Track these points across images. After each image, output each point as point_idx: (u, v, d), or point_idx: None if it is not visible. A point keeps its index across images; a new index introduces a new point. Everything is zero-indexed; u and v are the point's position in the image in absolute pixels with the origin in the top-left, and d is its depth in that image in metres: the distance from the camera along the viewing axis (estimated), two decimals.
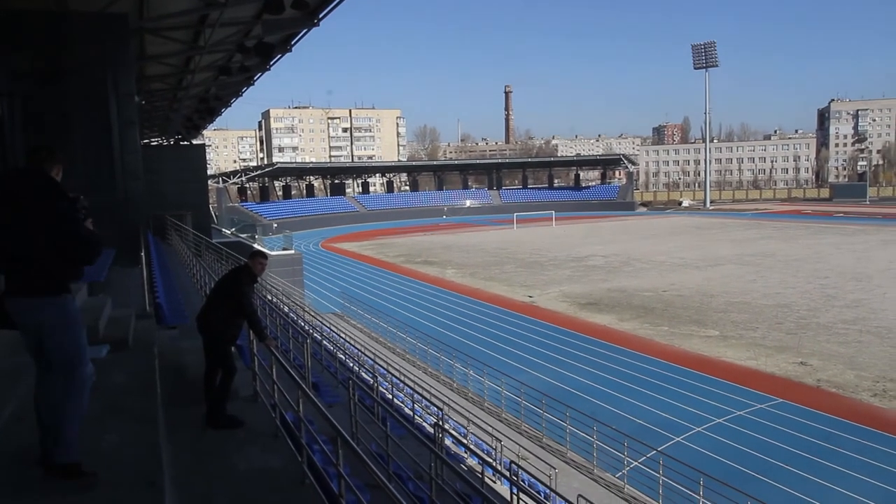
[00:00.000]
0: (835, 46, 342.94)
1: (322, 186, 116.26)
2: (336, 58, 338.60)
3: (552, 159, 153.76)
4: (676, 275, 44.48)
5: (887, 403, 20.19)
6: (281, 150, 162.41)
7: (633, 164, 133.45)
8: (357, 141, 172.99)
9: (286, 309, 21.07)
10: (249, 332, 6.54)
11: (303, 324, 19.86)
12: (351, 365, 15.43)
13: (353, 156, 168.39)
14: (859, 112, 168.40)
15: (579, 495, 10.53)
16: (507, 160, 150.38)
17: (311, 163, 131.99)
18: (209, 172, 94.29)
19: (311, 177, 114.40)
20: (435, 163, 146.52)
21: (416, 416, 12.86)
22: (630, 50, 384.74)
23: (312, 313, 24.07)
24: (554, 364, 25.15)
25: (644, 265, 49.41)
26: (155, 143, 42.82)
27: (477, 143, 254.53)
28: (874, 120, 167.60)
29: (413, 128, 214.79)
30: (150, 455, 3.81)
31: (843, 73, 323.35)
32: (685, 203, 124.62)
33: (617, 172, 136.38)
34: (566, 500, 10.12)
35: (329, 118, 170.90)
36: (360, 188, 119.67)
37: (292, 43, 19.03)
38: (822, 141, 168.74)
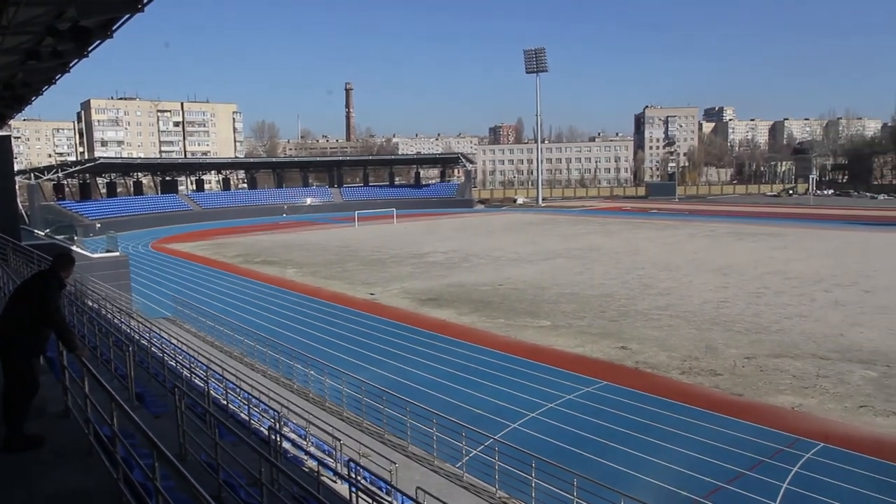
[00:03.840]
0: (649, 56, 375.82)
1: (152, 184, 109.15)
2: (167, 47, 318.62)
3: (393, 157, 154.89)
4: (512, 269, 46.58)
5: (692, 379, 22.47)
6: (104, 144, 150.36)
7: (471, 162, 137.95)
8: (190, 136, 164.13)
9: (109, 315, 19.63)
10: (59, 343, 6.03)
11: (128, 330, 18.58)
12: (182, 372, 14.65)
13: (185, 151, 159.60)
14: (669, 118, 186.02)
15: (418, 487, 10.74)
16: (348, 158, 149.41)
17: (139, 158, 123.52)
18: (18, 167, 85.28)
19: (140, 173, 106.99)
20: (274, 160, 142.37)
21: (252, 421, 12.47)
22: (468, 52, 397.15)
23: (140, 319, 22.56)
24: (395, 360, 25.41)
25: (482, 260, 51.26)
26: None
27: (317, 140, 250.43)
28: (681, 126, 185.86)
29: (250, 123, 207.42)
30: None
31: (657, 81, 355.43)
32: (519, 200, 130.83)
33: (456, 171, 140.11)
34: (404, 493, 10.29)
35: (159, 111, 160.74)
36: (194, 186, 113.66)
37: (114, 28, 17.53)
38: (639, 144, 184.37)
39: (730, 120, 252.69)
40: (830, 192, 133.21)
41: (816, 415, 19.07)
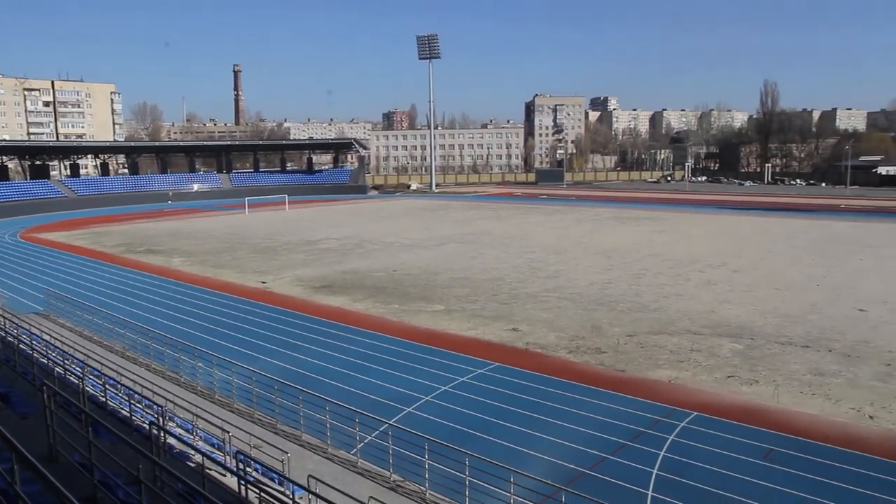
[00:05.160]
0: (539, 45, 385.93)
1: (19, 168, 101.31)
2: (35, 21, 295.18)
3: (285, 142, 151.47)
4: (406, 255, 46.76)
5: (579, 358, 23.46)
6: None
7: (365, 148, 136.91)
8: (63, 117, 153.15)
9: None
10: None
11: None
12: (55, 369, 13.78)
13: (58, 134, 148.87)
14: (557, 107, 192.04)
15: (310, 476, 10.66)
16: (237, 142, 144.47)
17: (4, 141, 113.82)
18: None
19: (5, 157, 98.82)
20: (158, 144, 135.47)
21: (134, 418, 11.92)
22: (361, 37, 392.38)
23: (6, 314, 20.99)
24: (289, 349, 24.98)
25: (375, 247, 51.14)
26: None
27: (204, 124, 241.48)
28: (569, 114, 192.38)
29: (130, 105, 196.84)
30: None
31: (547, 70, 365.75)
32: (413, 186, 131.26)
33: (349, 156, 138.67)
34: (296, 483, 10.19)
35: (25, 90, 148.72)
36: (69, 171, 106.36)
37: None
38: (529, 131, 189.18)
39: (614, 109, 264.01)
40: (704, 178, 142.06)
41: (690, 386, 20.40)
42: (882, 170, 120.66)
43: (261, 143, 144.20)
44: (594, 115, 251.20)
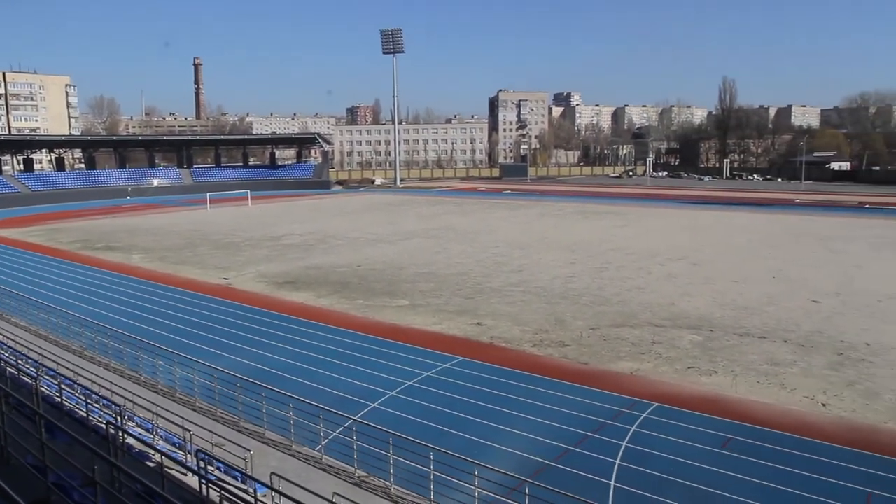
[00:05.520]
0: (504, 40, 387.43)
1: None
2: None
3: (247, 137, 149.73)
4: (370, 250, 46.57)
5: (543, 351, 23.65)
6: None
7: (328, 143, 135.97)
8: (15, 110, 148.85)
9: None
10: None
11: None
12: (7, 370, 13.40)
13: (10, 127, 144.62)
14: (521, 102, 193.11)
15: (272, 473, 10.57)
16: (198, 137, 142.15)
17: None
18: None
19: None
20: (115, 138, 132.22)
21: (91, 418, 11.66)
22: (325, 30, 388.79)
23: None
24: (253, 346, 24.68)
25: (340, 242, 50.84)
26: None
27: (164, 118, 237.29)
28: (532, 110, 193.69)
29: (87, 98, 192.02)
30: None
31: (511, 65, 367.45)
32: (378, 181, 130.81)
33: (312, 151, 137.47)
34: (258, 480, 10.10)
35: None
36: (22, 166, 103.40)
37: None
38: (493, 126, 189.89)
39: (577, 105, 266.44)
40: (664, 173, 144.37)
41: (652, 378, 20.73)
42: (835, 165, 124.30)
43: (222, 137, 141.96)
44: (557, 111, 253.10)
